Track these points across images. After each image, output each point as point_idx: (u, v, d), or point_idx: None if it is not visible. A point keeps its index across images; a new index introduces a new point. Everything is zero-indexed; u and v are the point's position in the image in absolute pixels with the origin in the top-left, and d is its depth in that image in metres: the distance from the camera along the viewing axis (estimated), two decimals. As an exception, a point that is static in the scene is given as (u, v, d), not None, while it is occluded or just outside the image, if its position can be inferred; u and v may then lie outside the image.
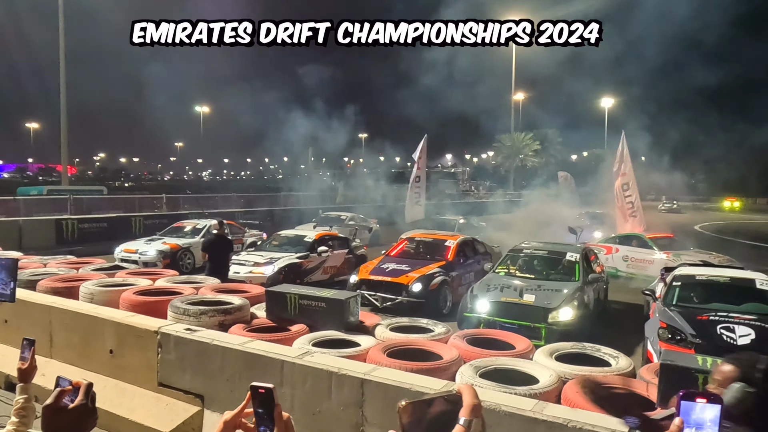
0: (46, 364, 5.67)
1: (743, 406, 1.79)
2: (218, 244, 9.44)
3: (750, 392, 1.83)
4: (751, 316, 6.28)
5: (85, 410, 1.28)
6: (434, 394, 1.21)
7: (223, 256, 9.43)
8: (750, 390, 1.83)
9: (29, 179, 66.42)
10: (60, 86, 23.79)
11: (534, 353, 4.71)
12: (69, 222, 16.36)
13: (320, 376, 3.96)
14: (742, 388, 1.84)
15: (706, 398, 1.21)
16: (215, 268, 9.08)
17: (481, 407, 1.20)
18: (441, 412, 1.20)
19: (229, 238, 10.29)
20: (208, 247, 9.47)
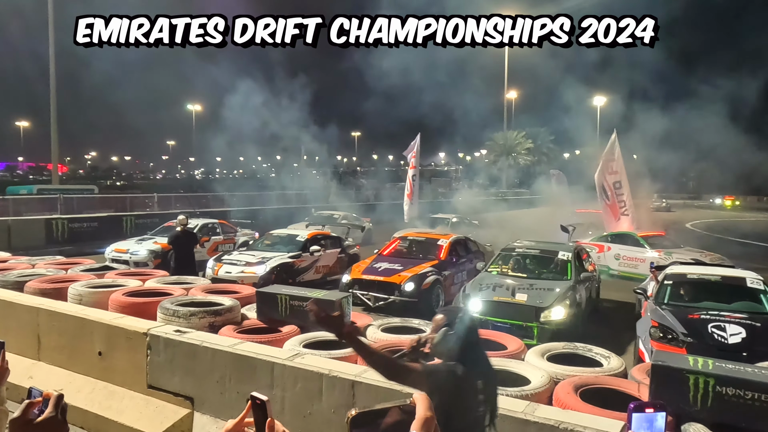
0: (34, 367, 5.61)
1: (447, 344, 2.40)
2: (183, 239, 9.63)
3: (451, 334, 2.41)
4: (742, 314, 6.31)
5: (53, 423, 1.23)
6: (389, 404, 1.16)
7: (187, 250, 9.61)
8: (452, 332, 2.42)
9: (19, 178, 65.88)
10: (50, 85, 23.58)
11: (526, 353, 4.70)
12: (59, 221, 16.20)
13: (311, 377, 3.93)
14: (446, 331, 2.43)
15: (653, 407, 1.28)
16: (181, 263, 9.25)
17: (434, 420, 1.19)
18: (395, 423, 1.16)
19: (193, 232, 10.48)
20: (173, 242, 9.65)
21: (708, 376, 3.27)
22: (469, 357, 2.38)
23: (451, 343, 2.39)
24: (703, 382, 3.27)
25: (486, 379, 2.42)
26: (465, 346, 2.39)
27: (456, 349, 2.38)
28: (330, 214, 20.00)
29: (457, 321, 2.46)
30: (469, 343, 2.42)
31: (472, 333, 2.47)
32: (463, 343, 2.39)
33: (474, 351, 2.44)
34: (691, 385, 3.29)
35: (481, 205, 27.83)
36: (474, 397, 2.34)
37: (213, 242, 14.43)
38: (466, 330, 2.43)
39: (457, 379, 2.29)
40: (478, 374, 2.38)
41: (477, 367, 2.40)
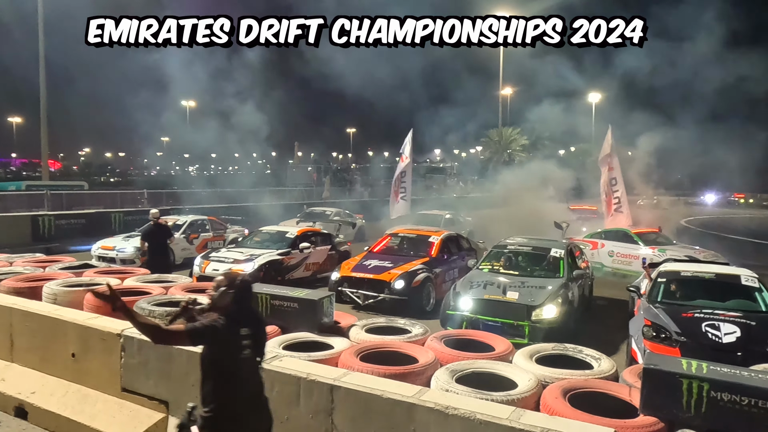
0: (7, 369, 5.43)
1: (224, 301, 2.93)
2: (156, 233, 9.75)
3: (230, 293, 2.94)
4: (737, 313, 6.17)
5: None
6: None
7: (161, 243, 9.78)
8: (231, 291, 2.95)
9: (12, 174, 65.38)
10: (40, 81, 23.30)
11: (514, 355, 4.54)
12: (45, 218, 15.95)
13: (288, 381, 3.77)
14: (226, 290, 2.95)
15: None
16: (155, 256, 9.39)
17: None
18: None
19: (167, 225, 10.58)
20: (147, 236, 9.71)
21: (702, 380, 3.12)
22: (237, 311, 2.95)
23: (227, 299, 2.94)
24: (696, 386, 3.12)
25: (251, 327, 2.98)
26: (236, 303, 2.96)
27: (229, 304, 2.93)
28: (322, 211, 19.81)
29: (235, 282, 3.01)
30: (240, 300, 2.99)
31: (244, 293, 3.04)
32: (235, 300, 2.96)
33: (242, 306, 3.00)
34: (684, 390, 3.14)
35: (475, 202, 27.65)
36: (239, 341, 2.89)
37: (202, 239, 14.23)
38: (241, 291, 3.00)
39: (221, 329, 2.83)
40: (244, 323, 2.94)
41: (243, 318, 2.96)
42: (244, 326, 2.93)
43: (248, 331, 2.93)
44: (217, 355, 2.86)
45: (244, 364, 2.92)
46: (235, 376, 2.91)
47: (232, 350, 2.87)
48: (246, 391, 2.98)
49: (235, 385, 2.92)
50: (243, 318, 2.96)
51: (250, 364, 2.97)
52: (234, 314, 2.92)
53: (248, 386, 3.00)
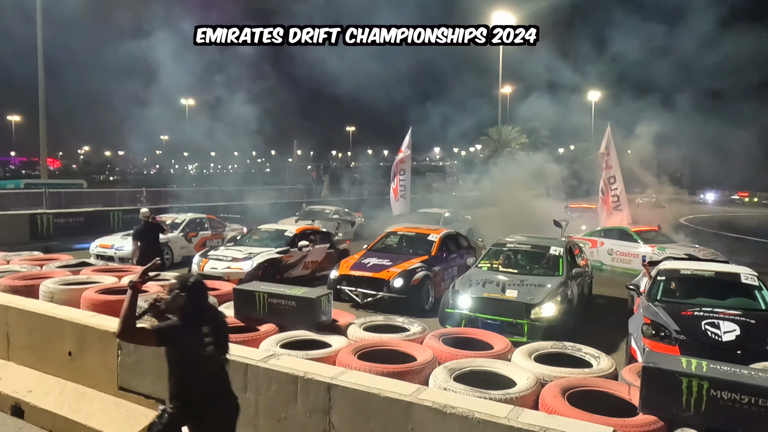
0: (4, 367, 5.41)
1: (178, 303, 3.03)
2: (148, 232, 9.77)
3: (182, 296, 3.03)
4: (736, 311, 6.14)
5: None
6: None
7: (154, 242, 9.84)
8: (182, 294, 3.03)
9: (11, 173, 65.28)
10: (38, 79, 23.23)
11: (512, 353, 4.51)
12: (44, 217, 15.91)
13: (285, 380, 3.74)
14: (178, 293, 3.04)
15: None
16: (147, 254, 9.32)
17: None
18: None
19: (159, 224, 10.58)
20: (138, 235, 9.72)
21: (702, 379, 3.09)
22: (194, 310, 3.05)
23: (180, 302, 3.03)
24: (696, 385, 3.09)
25: (211, 324, 3.10)
26: (191, 303, 3.05)
27: (184, 305, 3.03)
28: (321, 209, 19.78)
29: (186, 284, 3.08)
30: (195, 300, 3.08)
31: (198, 293, 3.12)
32: (189, 300, 3.04)
33: (199, 305, 3.11)
34: (684, 389, 3.11)
35: (475, 200, 27.59)
36: (201, 339, 3.01)
37: (201, 237, 14.20)
38: (193, 291, 3.08)
39: (181, 330, 2.98)
40: (204, 322, 3.07)
41: (202, 317, 3.09)
42: (204, 324, 3.07)
43: (209, 329, 3.06)
44: (180, 354, 3.02)
45: (207, 360, 3.04)
46: (199, 373, 3.04)
47: (194, 349, 2.99)
48: (210, 386, 3.10)
49: (199, 382, 3.05)
50: (202, 316, 3.10)
51: (214, 361, 3.09)
52: (193, 314, 3.05)
53: (212, 382, 3.12)
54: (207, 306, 3.25)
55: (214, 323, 3.15)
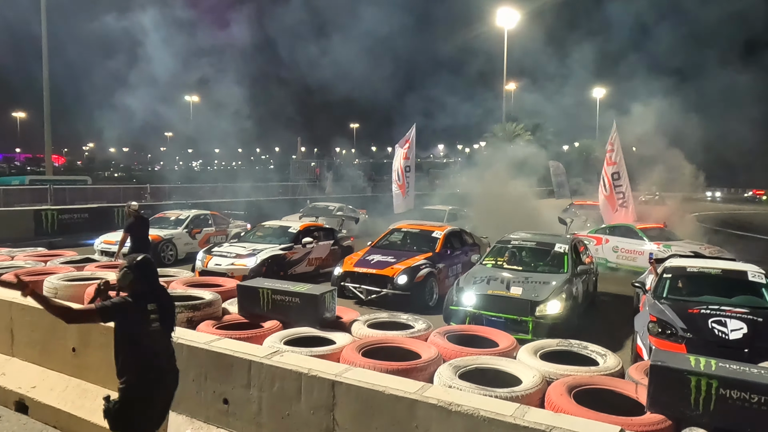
0: (8, 363, 5.41)
1: (126, 280, 3.28)
2: (139, 225, 9.88)
3: (129, 273, 3.28)
4: (743, 309, 6.08)
5: None
6: None
7: (143, 235, 9.91)
8: (130, 272, 3.29)
9: (17, 169, 65.49)
10: (43, 76, 23.27)
11: (518, 351, 4.47)
12: (48, 212, 15.94)
13: (289, 377, 3.72)
14: (126, 271, 3.30)
15: None
16: (139, 248, 9.47)
17: None
18: None
19: (146, 217, 10.70)
20: (130, 229, 9.80)
21: (711, 377, 3.05)
22: (142, 288, 3.27)
23: (128, 279, 3.27)
24: (705, 384, 3.05)
25: (158, 302, 3.30)
26: (138, 281, 3.28)
27: (132, 283, 3.26)
28: (325, 206, 19.76)
29: (134, 262, 3.33)
30: (142, 278, 3.30)
31: (144, 271, 3.34)
32: (135, 279, 3.27)
33: (145, 283, 3.31)
34: (692, 388, 3.07)
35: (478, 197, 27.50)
36: (146, 316, 3.21)
37: (205, 234, 14.20)
38: (139, 270, 3.31)
39: (128, 306, 3.18)
40: (150, 299, 3.27)
41: (149, 294, 3.28)
42: (151, 302, 3.27)
43: (155, 306, 3.27)
44: (127, 329, 3.23)
45: (153, 336, 3.27)
46: (146, 349, 3.25)
47: (141, 324, 3.21)
48: (157, 361, 3.31)
49: (146, 357, 3.25)
50: (149, 294, 3.31)
51: (160, 337, 3.32)
52: (140, 292, 3.26)
53: (159, 357, 3.33)
54: (156, 285, 3.42)
55: (160, 301, 3.35)
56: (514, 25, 40.50)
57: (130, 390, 3.23)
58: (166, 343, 3.40)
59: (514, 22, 40.33)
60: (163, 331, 3.34)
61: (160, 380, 3.32)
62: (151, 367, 3.27)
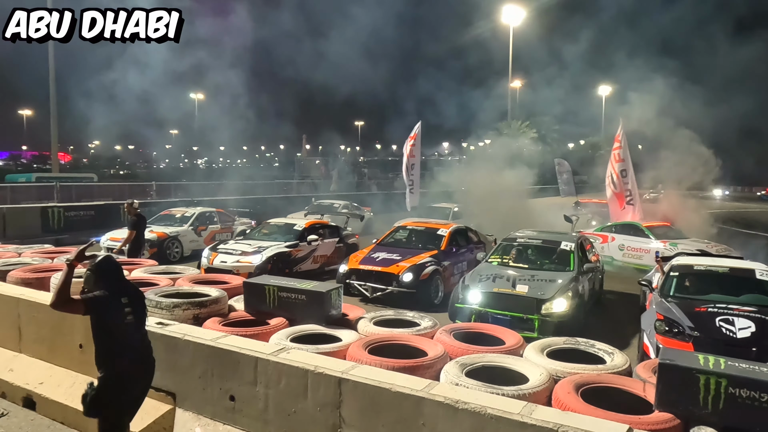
0: (15, 359, 5.43)
1: (90, 281, 3.47)
2: (141, 223, 10.19)
3: (91, 275, 3.47)
4: (751, 307, 6.04)
5: None
6: None
7: (142, 232, 10.35)
8: (92, 274, 3.47)
9: (23, 167, 65.76)
10: (49, 74, 23.35)
11: (525, 349, 4.46)
12: (55, 210, 16.00)
13: (296, 374, 3.72)
14: (88, 273, 3.46)
15: None
16: (138, 245, 9.91)
17: None
18: None
19: (143, 215, 10.92)
20: (134, 226, 10.08)
21: (720, 376, 3.03)
22: (110, 285, 3.47)
23: (91, 281, 3.46)
24: (714, 382, 3.03)
25: (129, 296, 3.55)
26: (103, 279, 3.46)
27: (97, 282, 3.45)
28: (330, 204, 19.76)
29: (94, 264, 3.50)
30: (107, 276, 3.49)
31: (106, 270, 3.52)
32: (100, 277, 3.46)
33: (114, 280, 3.53)
34: (701, 386, 3.05)
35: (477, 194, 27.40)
36: (121, 309, 3.47)
37: (210, 231, 14.23)
38: (101, 270, 3.50)
39: (106, 299, 3.41)
40: (122, 294, 3.52)
41: (120, 289, 3.53)
42: (123, 296, 3.53)
43: (127, 300, 3.53)
44: (105, 322, 3.45)
45: (129, 328, 3.52)
46: (122, 339, 3.48)
47: (117, 316, 3.46)
48: (133, 351, 3.55)
49: (123, 347, 3.48)
50: (120, 289, 3.55)
51: (134, 328, 3.56)
52: (111, 287, 3.49)
53: (135, 347, 3.57)
54: (123, 281, 3.67)
55: (131, 295, 3.61)
56: (519, 23, 40.42)
57: (108, 379, 3.45)
58: (141, 333, 3.65)
59: (519, 19, 40.26)
60: (137, 323, 3.59)
61: (135, 370, 3.55)
62: (127, 358, 3.49)
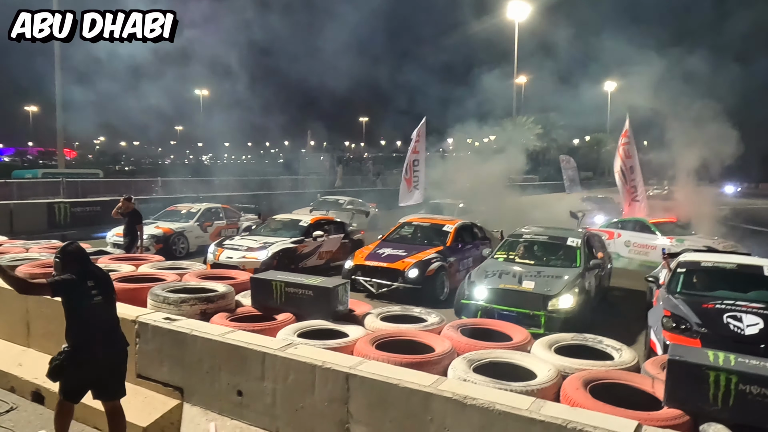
0: (24, 354, 5.47)
1: (58, 267, 3.80)
2: (138, 218, 10.40)
3: (58, 260, 3.81)
4: (759, 304, 6.01)
5: None
6: None
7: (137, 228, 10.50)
8: (58, 259, 3.81)
9: (29, 163, 66.01)
10: (55, 70, 23.39)
11: (532, 345, 4.45)
12: (61, 205, 16.07)
13: (303, 369, 3.72)
14: (55, 259, 3.83)
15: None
16: (134, 240, 10.11)
17: None
18: None
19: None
20: (140, 220, 10.40)
21: (730, 373, 3.01)
22: (76, 269, 3.75)
23: (59, 265, 3.76)
24: (724, 379, 3.01)
25: (95, 279, 3.82)
26: (70, 263, 3.76)
27: (64, 266, 3.75)
28: (335, 200, 19.76)
29: (60, 251, 3.81)
30: (73, 261, 3.78)
31: (72, 256, 3.82)
32: (67, 262, 3.76)
33: (76, 265, 3.78)
34: (711, 383, 3.04)
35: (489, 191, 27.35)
36: (87, 291, 3.74)
37: (216, 227, 14.27)
38: (67, 255, 3.79)
39: (73, 282, 3.69)
40: (88, 277, 3.79)
41: (86, 273, 3.79)
42: (90, 279, 3.79)
43: (93, 282, 3.79)
44: (74, 303, 3.73)
45: (96, 308, 3.79)
46: (90, 319, 3.76)
47: (83, 298, 3.73)
48: (99, 329, 3.81)
49: (89, 326, 3.76)
50: (86, 273, 3.81)
51: (101, 309, 3.84)
52: (79, 272, 3.76)
53: (101, 326, 3.83)
54: (86, 265, 3.90)
55: (98, 279, 3.87)
56: (524, 18, 40.25)
57: (72, 353, 3.75)
58: (110, 315, 3.93)
59: (525, 15, 40.09)
60: (105, 304, 3.86)
61: (98, 351, 3.81)
62: (92, 338, 3.77)
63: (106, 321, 3.88)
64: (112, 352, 3.88)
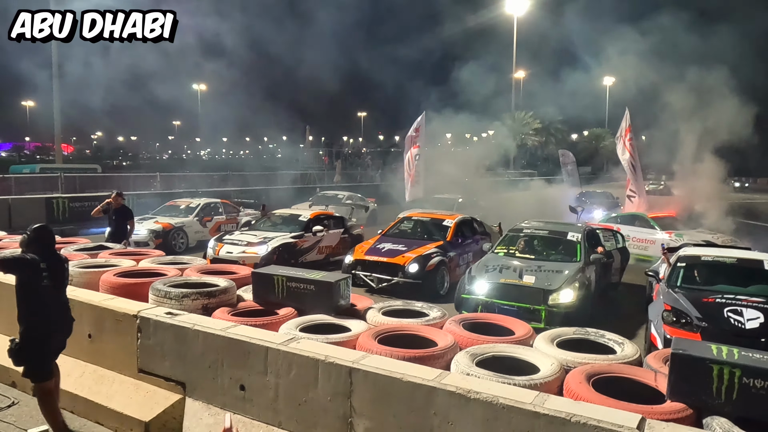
0: (24, 349, 5.45)
1: (24, 243, 4.13)
2: (128, 214, 10.39)
3: (26, 236, 4.13)
4: (760, 298, 6.02)
5: None
6: None
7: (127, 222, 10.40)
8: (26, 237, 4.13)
9: (26, 158, 65.82)
10: (52, 65, 23.31)
11: (534, 339, 4.45)
12: (60, 200, 16.02)
13: (306, 363, 3.72)
14: (24, 235, 4.14)
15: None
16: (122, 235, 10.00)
17: None
18: None
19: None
20: (130, 215, 10.43)
21: (734, 366, 3.02)
22: (36, 251, 4.01)
23: (24, 242, 4.09)
24: (728, 372, 3.02)
25: (48, 262, 4.03)
26: (32, 244, 4.05)
27: (28, 246, 4.06)
28: (334, 195, 19.75)
29: (31, 229, 4.10)
30: (35, 242, 4.06)
31: (36, 236, 4.09)
32: (30, 242, 4.05)
33: (37, 246, 4.06)
34: (714, 377, 3.04)
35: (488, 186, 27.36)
36: (39, 273, 3.96)
37: (215, 222, 14.26)
38: (33, 234, 4.09)
39: (25, 261, 3.96)
40: (43, 260, 3.99)
41: (43, 256, 4.02)
42: (44, 262, 3.99)
43: (46, 266, 3.99)
44: (24, 281, 3.97)
45: (45, 291, 4.01)
46: (39, 301, 4.00)
47: (33, 279, 3.95)
48: (48, 312, 4.05)
49: (39, 308, 4.00)
50: (44, 256, 4.02)
51: (51, 292, 4.07)
52: (37, 253, 4.00)
53: (50, 309, 4.07)
54: (50, 251, 4.16)
55: (52, 263, 4.09)
56: (523, 13, 40.16)
57: (27, 333, 3.97)
58: (58, 298, 4.18)
59: (523, 10, 40.00)
60: (53, 289, 4.10)
61: (51, 326, 4.09)
62: (43, 316, 4.01)
63: (54, 305, 4.13)
64: (65, 330, 4.26)
